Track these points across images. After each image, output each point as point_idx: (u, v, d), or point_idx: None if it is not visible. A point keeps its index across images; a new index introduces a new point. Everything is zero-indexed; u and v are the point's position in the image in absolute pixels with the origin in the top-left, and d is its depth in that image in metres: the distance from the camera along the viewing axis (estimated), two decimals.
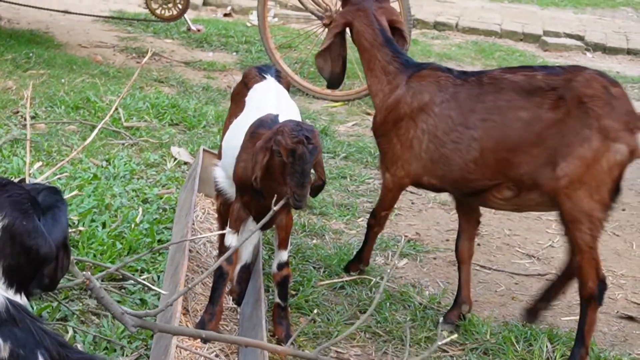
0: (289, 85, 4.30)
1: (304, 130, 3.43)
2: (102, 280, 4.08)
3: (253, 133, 3.72)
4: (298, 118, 4.02)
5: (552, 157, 3.82)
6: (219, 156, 4.19)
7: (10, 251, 2.82)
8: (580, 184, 3.74)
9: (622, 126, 3.77)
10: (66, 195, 4.59)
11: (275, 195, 3.39)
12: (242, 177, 3.73)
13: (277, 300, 3.95)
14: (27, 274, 2.86)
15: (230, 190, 3.99)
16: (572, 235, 3.83)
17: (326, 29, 8.16)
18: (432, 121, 4.08)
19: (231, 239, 3.85)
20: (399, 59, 4.32)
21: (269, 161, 3.50)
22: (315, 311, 4.09)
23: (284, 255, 3.91)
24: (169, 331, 3.37)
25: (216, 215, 4.51)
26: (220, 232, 4.05)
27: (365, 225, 4.56)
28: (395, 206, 5.52)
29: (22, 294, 2.88)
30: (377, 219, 4.48)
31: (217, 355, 3.71)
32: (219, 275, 3.83)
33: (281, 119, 3.73)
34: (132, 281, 4.22)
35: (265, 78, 4.15)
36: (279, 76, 4.22)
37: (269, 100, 3.97)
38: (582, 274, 3.84)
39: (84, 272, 3.09)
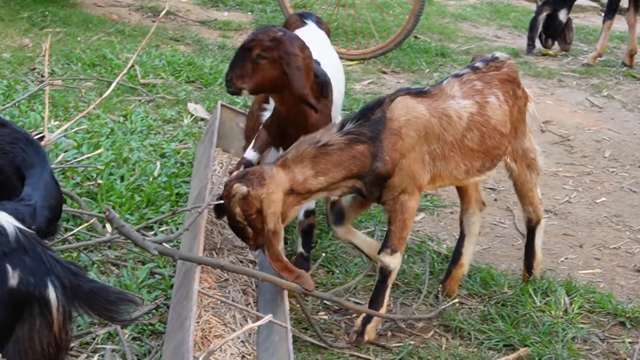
0: (329, 32, 4.37)
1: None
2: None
3: None
4: (338, 63, 4.11)
5: None
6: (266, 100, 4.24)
7: None
8: None
9: None
10: (89, 154, 4.63)
11: None
12: None
13: (301, 249, 3.97)
14: None
15: None
16: None
17: None
18: None
19: (250, 154, 3.90)
20: None
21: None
22: (323, 254, 4.07)
23: (311, 203, 3.91)
24: (189, 259, 3.42)
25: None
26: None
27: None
28: None
29: None
30: None
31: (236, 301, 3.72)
32: None
33: (322, 64, 3.79)
34: (152, 232, 4.26)
35: (306, 24, 4.23)
36: (320, 22, 4.28)
37: (311, 45, 3.98)
38: None
39: (103, 205, 3.12)
